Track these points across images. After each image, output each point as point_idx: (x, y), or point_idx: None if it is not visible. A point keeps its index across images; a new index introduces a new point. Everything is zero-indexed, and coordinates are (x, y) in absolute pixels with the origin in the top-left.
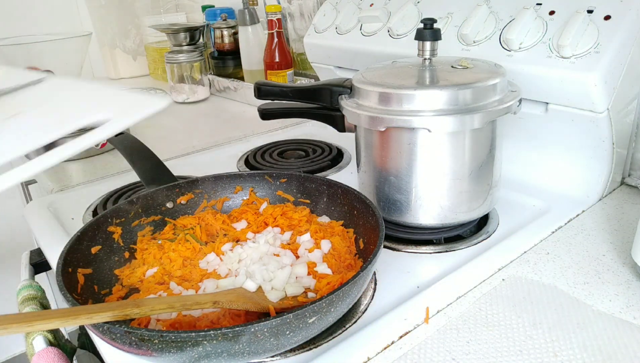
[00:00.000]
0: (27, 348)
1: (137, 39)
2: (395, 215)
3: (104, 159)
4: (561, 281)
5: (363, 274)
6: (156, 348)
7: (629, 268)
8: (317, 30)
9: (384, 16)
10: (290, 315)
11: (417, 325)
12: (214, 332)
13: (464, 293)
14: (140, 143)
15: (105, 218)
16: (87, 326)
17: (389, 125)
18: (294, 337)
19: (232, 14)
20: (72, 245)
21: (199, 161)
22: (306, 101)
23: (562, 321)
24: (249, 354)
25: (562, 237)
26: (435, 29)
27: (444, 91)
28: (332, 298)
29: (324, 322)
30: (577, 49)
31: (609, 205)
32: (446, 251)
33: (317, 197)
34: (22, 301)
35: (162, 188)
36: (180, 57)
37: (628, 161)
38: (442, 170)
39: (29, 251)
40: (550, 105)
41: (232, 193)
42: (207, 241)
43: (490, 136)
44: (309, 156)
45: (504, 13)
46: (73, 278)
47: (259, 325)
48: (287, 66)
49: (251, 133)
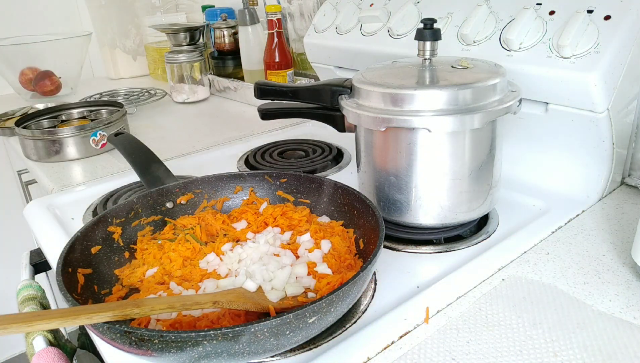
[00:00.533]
0: (27, 348)
1: (137, 39)
2: (395, 215)
3: (104, 159)
4: (561, 281)
5: (363, 274)
6: (156, 348)
7: (629, 268)
8: (317, 30)
9: (384, 16)
10: (290, 315)
11: (417, 325)
12: (214, 332)
13: (464, 293)
14: (140, 143)
15: (105, 218)
16: (87, 326)
17: (389, 125)
18: (294, 337)
19: (232, 14)
20: (72, 244)
21: (199, 161)
22: (306, 101)
23: (562, 321)
24: (249, 354)
25: (562, 237)
26: (435, 29)
27: (444, 91)
28: (332, 298)
29: (324, 322)
30: (577, 49)
31: (609, 205)
32: (446, 251)
33: (317, 197)
34: (22, 301)
35: (162, 188)
36: (180, 57)
37: (628, 161)
38: (442, 170)
39: (29, 251)
40: (550, 105)
41: (232, 193)
42: (207, 241)
43: (490, 136)
44: (309, 156)
45: (504, 13)
46: (73, 278)
47: (259, 325)
48: (287, 66)
49: (251, 133)
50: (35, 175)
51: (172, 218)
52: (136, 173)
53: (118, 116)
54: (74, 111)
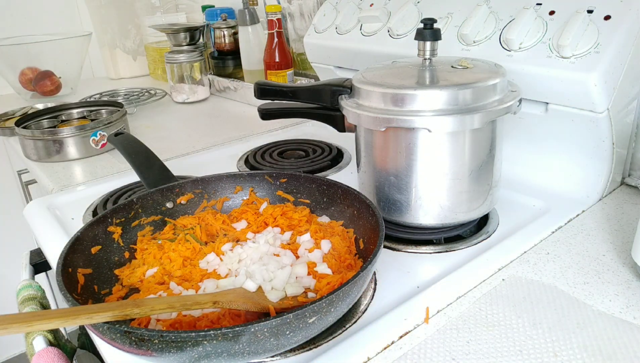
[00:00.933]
0: (27, 348)
1: (137, 39)
2: (395, 215)
3: (104, 159)
4: (561, 281)
5: (363, 274)
6: (156, 348)
7: (629, 268)
8: (317, 30)
9: (384, 16)
10: (290, 315)
11: (417, 325)
12: (214, 332)
13: (464, 293)
14: (140, 143)
15: (105, 218)
16: (87, 326)
17: (389, 125)
18: (294, 337)
19: (232, 14)
20: (72, 245)
21: (199, 161)
22: (306, 101)
23: (562, 321)
24: (249, 354)
25: (562, 237)
26: (435, 29)
27: (444, 91)
28: (332, 298)
29: (324, 322)
30: (577, 49)
31: (609, 205)
32: (446, 251)
33: (317, 197)
34: (22, 301)
35: (162, 188)
36: (180, 57)
37: (628, 161)
38: (442, 170)
39: (29, 251)
40: (550, 105)
41: (232, 193)
42: (207, 241)
43: (490, 136)
44: (309, 156)
45: (504, 13)
46: (73, 278)
47: (259, 325)
48: (287, 66)
49: (251, 133)
50: (35, 175)
51: (172, 218)
52: (136, 173)
53: (118, 116)
54: (74, 111)
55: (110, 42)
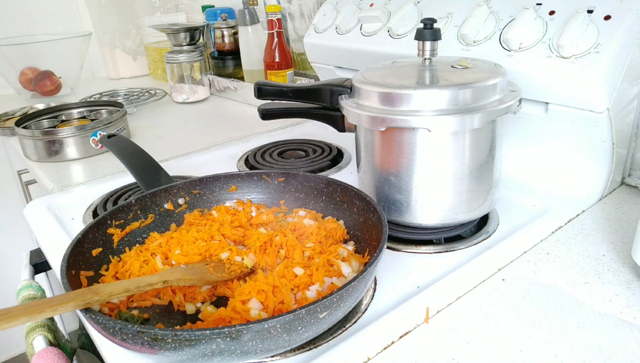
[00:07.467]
0: (27, 348)
1: (137, 39)
2: (395, 215)
3: (104, 159)
4: (561, 281)
5: (370, 269)
6: (169, 347)
7: (629, 268)
8: (317, 30)
9: (384, 16)
10: (303, 311)
11: (417, 325)
12: (228, 330)
13: (464, 293)
14: (134, 145)
15: (105, 220)
16: (97, 328)
17: (389, 125)
18: (306, 332)
19: (232, 14)
20: (74, 248)
21: (199, 161)
22: (306, 101)
23: (562, 321)
24: (262, 351)
25: (562, 237)
26: (435, 29)
27: (444, 90)
28: (342, 293)
29: (333, 317)
30: (577, 49)
31: (609, 205)
32: (446, 251)
33: (317, 196)
34: (22, 301)
35: (161, 189)
36: (180, 57)
37: (628, 161)
38: (442, 170)
39: (29, 251)
40: (550, 105)
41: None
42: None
43: (490, 136)
44: (309, 156)
45: (504, 13)
46: (76, 281)
47: (272, 321)
48: (287, 66)
49: (251, 133)
50: (35, 175)
51: (172, 218)
52: (132, 175)
53: (118, 116)
54: (74, 111)
55: (110, 42)
